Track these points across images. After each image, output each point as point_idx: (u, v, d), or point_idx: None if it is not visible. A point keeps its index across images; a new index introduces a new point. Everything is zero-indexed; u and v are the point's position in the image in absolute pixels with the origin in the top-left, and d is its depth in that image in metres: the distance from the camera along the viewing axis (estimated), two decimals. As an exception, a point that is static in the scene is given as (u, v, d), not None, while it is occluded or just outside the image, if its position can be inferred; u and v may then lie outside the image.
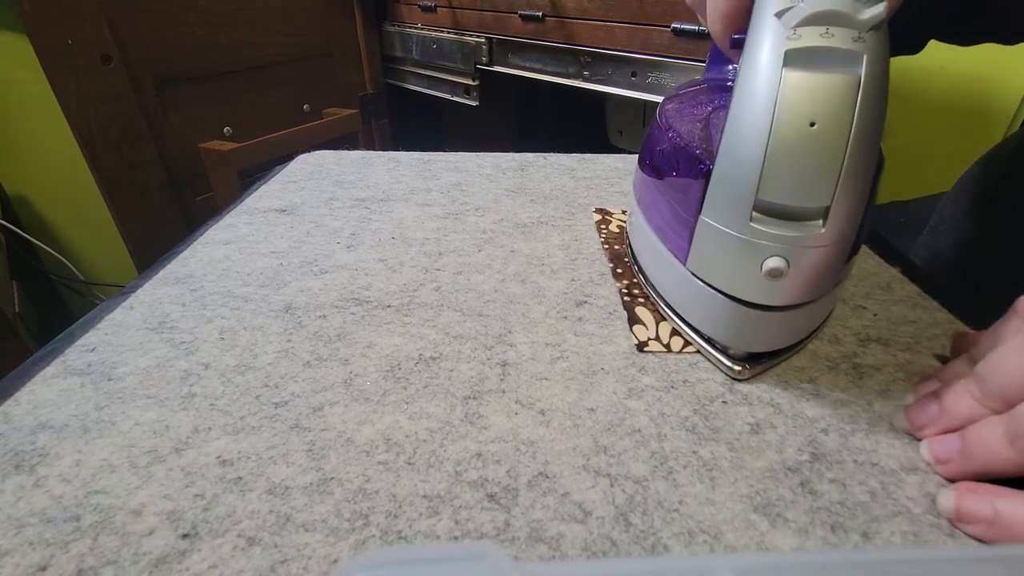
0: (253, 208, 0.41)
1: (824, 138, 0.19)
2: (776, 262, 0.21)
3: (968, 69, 0.89)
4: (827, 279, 0.22)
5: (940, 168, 0.91)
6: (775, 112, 0.19)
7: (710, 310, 0.24)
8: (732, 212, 0.21)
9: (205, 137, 0.93)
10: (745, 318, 0.23)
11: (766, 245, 0.21)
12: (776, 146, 0.19)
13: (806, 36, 0.19)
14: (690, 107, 0.29)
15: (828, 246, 0.21)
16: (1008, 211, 0.39)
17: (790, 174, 0.20)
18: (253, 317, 0.28)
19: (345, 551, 0.17)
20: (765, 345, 0.25)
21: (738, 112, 0.20)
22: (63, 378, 0.24)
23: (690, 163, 0.24)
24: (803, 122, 0.19)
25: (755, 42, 0.20)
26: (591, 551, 0.17)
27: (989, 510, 0.17)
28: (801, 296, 0.22)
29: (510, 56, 1.00)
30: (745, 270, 0.22)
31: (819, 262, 0.21)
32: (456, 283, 0.32)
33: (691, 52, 0.75)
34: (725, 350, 0.25)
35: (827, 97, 0.19)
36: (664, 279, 0.28)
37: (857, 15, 0.18)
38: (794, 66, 0.19)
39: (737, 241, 0.21)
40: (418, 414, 0.22)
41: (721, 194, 0.22)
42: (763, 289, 0.22)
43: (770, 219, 0.21)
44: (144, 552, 0.17)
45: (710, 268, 0.24)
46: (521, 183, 0.46)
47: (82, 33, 0.74)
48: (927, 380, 0.23)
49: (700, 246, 0.24)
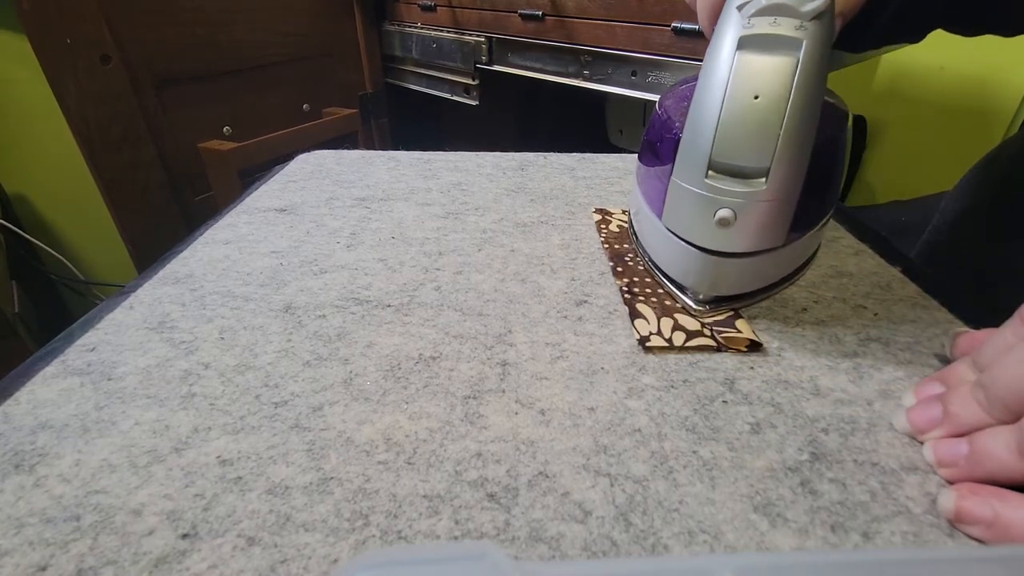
0: (253, 208, 0.41)
1: (765, 109, 0.23)
2: (725, 212, 0.25)
3: (968, 69, 0.89)
4: (772, 231, 0.26)
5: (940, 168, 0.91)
6: (727, 87, 0.23)
7: (679, 258, 0.29)
8: (693, 171, 0.25)
9: (205, 137, 0.93)
10: (704, 263, 0.27)
11: (718, 199, 0.25)
12: (727, 115, 0.23)
13: (758, 25, 0.23)
14: (683, 93, 0.32)
15: (770, 200, 0.25)
16: (1010, 211, 0.39)
17: (738, 138, 0.24)
18: (253, 317, 0.28)
19: (345, 551, 0.17)
20: (724, 289, 0.29)
21: (701, 88, 0.25)
22: (63, 378, 0.24)
23: (669, 136, 0.28)
24: (749, 96, 0.23)
25: (720, 30, 0.24)
26: (591, 551, 0.17)
27: (989, 512, 0.17)
28: (750, 244, 0.26)
29: (510, 55, 1.00)
30: (702, 220, 0.26)
31: (763, 214, 0.25)
32: (456, 283, 0.32)
33: (691, 51, 0.75)
34: (696, 296, 0.29)
35: (769, 75, 0.23)
36: (649, 238, 0.32)
37: (800, 7, 0.22)
38: (746, 49, 0.23)
39: (696, 196, 0.25)
40: (418, 414, 0.22)
41: (686, 157, 0.26)
42: (717, 237, 0.26)
43: (722, 176, 0.25)
44: (144, 552, 0.17)
45: (678, 221, 0.28)
46: (521, 182, 0.46)
47: (81, 33, 0.74)
48: (928, 381, 0.23)
49: (671, 203, 0.28)
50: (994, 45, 0.35)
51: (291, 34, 1.03)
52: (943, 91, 0.92)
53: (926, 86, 0.93)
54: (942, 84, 0.91)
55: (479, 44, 1.01)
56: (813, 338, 0.27)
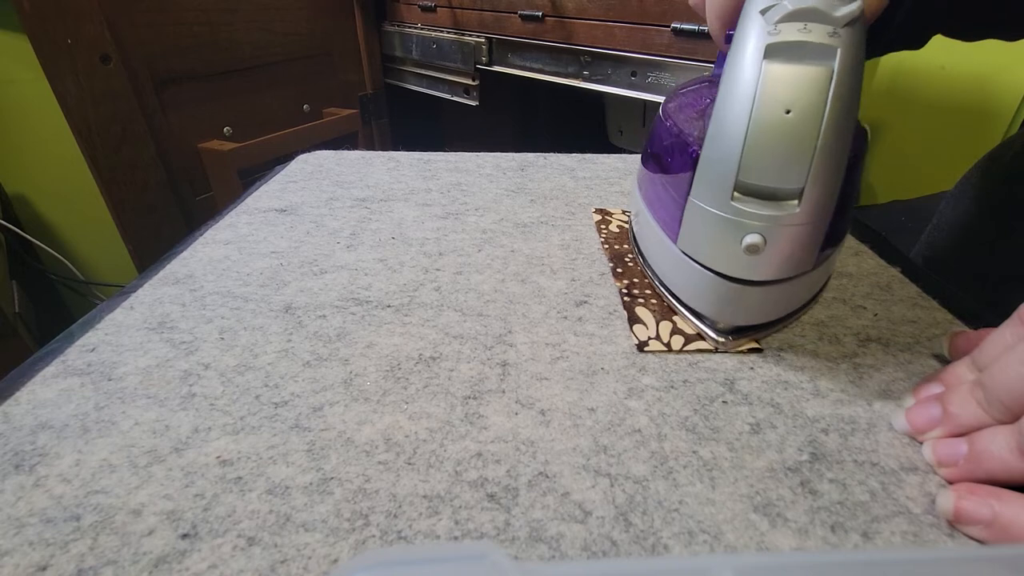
0: (253, 208, 0.41)
1: (798, 124, 0.20)
2: (754, 238, 0.22)
3: (968, 69, 0.89)
4: (803, 257, 0.24)
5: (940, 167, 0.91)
6: (755, 101, 0.21)
7: (697, 285, 0.26)
8: (716, 193, 0.23)
9: (205, 137, 0.93)
10: (727, 292, 0.25)
11: (746, 223, 0.22)
12: (755, 132, 0.21)
13: (786, 31, 0.20)
14: (690, 101, 0.30)
15: (803, 224, 0.22)
16: (1011, 211, 0.39)
17: (767, 157, 0.21)
18: (253, 317, 0.28)
19: (345, 551, 0.17)
20: (747, 318, 0.26)
21: (723, 101, 0.22)
22: (63, 378, 0.24)
23: (683, 150, 0.26)
24: (780, 110, 0.20)
25: (741, 37, 0.21)
26: (591, 551, 0.17)
27: (988, 512, 0.17)
28: (779, 272, 0.24)
29: (510, 56, 1.00)
30: (727, 246, 0.23)
31: (795, 239, 0.23)
32: (456, 283, 0.32)
33: (691, 52, 0.75)
34: (714, 325, 0.27)
35: (802, 87, 0.20)
36: (659, 259, 0.30)
37: (833, 12, 0.20)
38: (774, 59, 0.20)
39: (720, 219, 0.23)
40: (418, 414, 0.22)
41: (707, 176, 0.23)
42: (743, 264, 0.24)
43: (750, 199, 0.22)
44: (144, 552, 0.17)
45: (697, 246, 0.25)
46: (521, 183, 0.46)
47: (82, 33, 0.74)
48: (928, 382, 0.23)
49: (689, 225, 0.25)
50: (994, 45, 0.35)
51: (291, 34, 1.03)
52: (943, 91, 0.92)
53: (926, 86, 0.93)
54: (942, 84, 0.91)
55: (479, 44, 1.01)
56: (813, 338, 0.27)
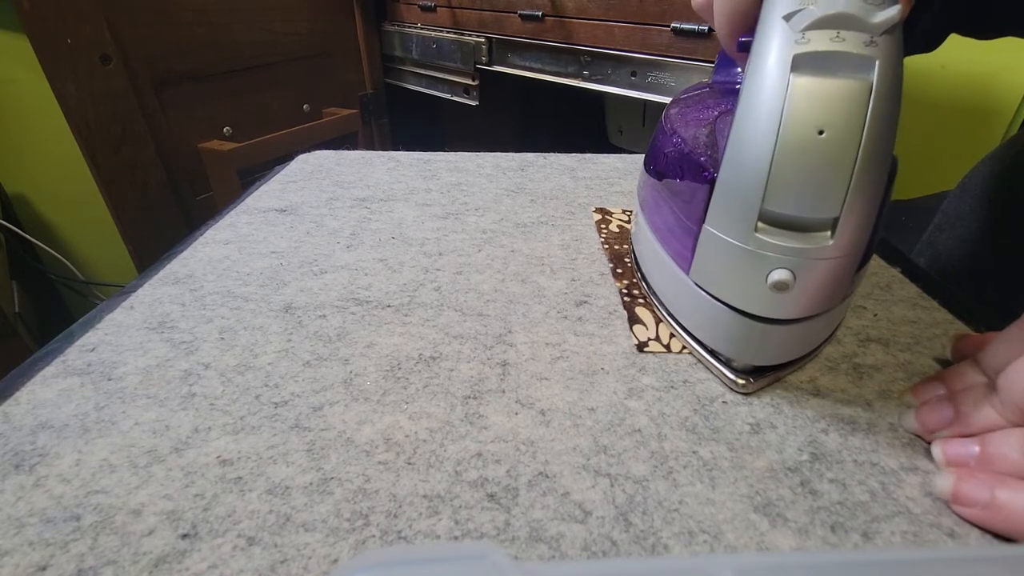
0: (253, 208, 0.41)
1: (833, 147, 0.18)
2: (782, 274, 0.20)
3: (968, 68, 0.89)
4: (835, 292, 0.22)
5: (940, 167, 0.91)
6: (782, 119, 0.18)
7: (713, 321, 0.24)
8: (736, 222, 0.21)
9: (205, 137, 0.93)
10: (749, 331, 0.22)
11: (771, 257, 0.20)
12: (783, 154, 0.18)
13: (815, 40, 0.18)
14: (696, 111, 0.28)
15: (837, 258, 0.20)
16: (1015, 211, 0.39)
17: (797, 184, 0.19)
18: (253, 317, 0.28)
19: (345, 551, 0.17)
20: (770, 358, 0.24)
21: (744, 118, 0.19)
22: (63, 378, 0.24)
23: (694, 170, 0.23)
24: (811, 130, 0.18)
25: (762, 46, 0.19)
26: (591, 551, 0.17)
27: (986, 495, 0.18)
28: (808, 309, 0.22)
29: (510, 56, 1.00)
30: (749, 282, 0.21)
31: (827, 274, 0.20)
32: (456, 283, 0.32)
33: (691, 52, 0.75)
34: (729, 362, 0.24)
35: (837, 104, 0.18)
36: (666, 287, 0.28)
37: (869, 18, 0.18)
38: (802, 71, 0.18)
39: (741, 252, 0.21)
40: (418, 414, 0.22)
41: (725, 203, 0.21)
42: (768, 302, 0.21)
43: (776, 230, 0.20)
44: (144, 552, 0.17)
45: (713, 279, 0.23)
46: (521, 183, 0.46)
47: (81, 33, 0.74)
48: (930, 382, 0.23)
49: (703, 256, 0.23)
50: (995, 45, 0.35)
51: (291, 34, 1.03)
52: (943, 91, 0.92)
53: (926, 86, 0.93)
54: (942, 84, 0.91)
55: (479, 44, 1.01)
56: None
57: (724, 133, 0.21)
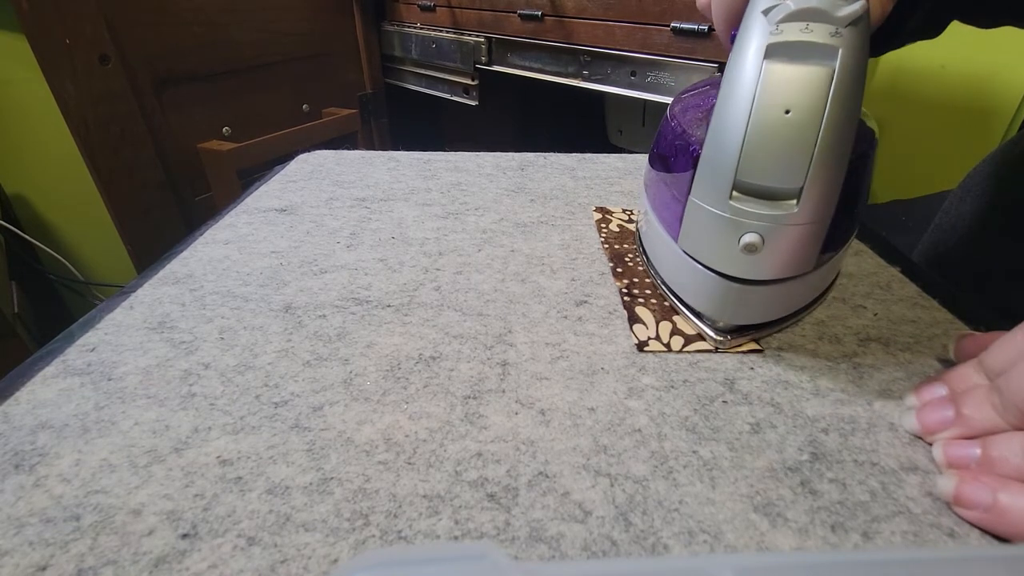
0: (253, 208, 0.41)
1: (797, 124, 0.20)
2: (751, 238, 0.23)
3: (968, 68, 0.89)
4: (803, 257, 0.24)
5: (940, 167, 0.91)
6: (755, 100, 0.21)
7: (697, 284, 0.26)
8: (716, 192, 0.23)
9: (204, 137, 0.93)
10: (726, 291, 0.25)
11: (744, 223, 0.23)
12: (754, 131, 0.21)
13: (787, 31, 0.20)
14: (696, 102, 0.30)
15: (802, 224, 0.22)
16: (1017, 210, 0.39)
17: (766, 157, 0.21)
18: (253, 317, 0.28)
19: (345, 551, 0.17)
20: (747, 318, 0.26)
21: (724, 101, 0.22)
22: (63, 378, 0.24)
23: (685, 150, 0.26)
24: (779, 110, 0.20)
25: (744, 37, 0.21)
26: (591, 551, 0.17)
27: (988, 497, 0.18)
28: (778, 271, 0.24)
29: (509, 56, 1.00)
30: (725, 246, 0.24)
31: (793, 240, 0.23)
32: (456, 283, 0.32)
33: (690, 51, 0.75)
34: (714, 324, 0.27)
35: (802, 87, 0.20)
36: (662, 258, 0.30)
37: (835, 12, 0.20)
38: (774, 58, 0.20)
39: (719, 218, 0.23)
40: (418, 414, 0.22)
41: (707, 176, 0.23)
42: (742, 263, 0.24)
43: (748, 198, 0.22)
44: (144, 552, 0.17)
45: (697, 245, 0.26)
46: (521, 183, 0.46)
47: (80, 33, 0.74)
48: (931, 383, 0.23)
49: (689, 225, 0.25)
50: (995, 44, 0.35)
51: (291, 34, 1.03)
52: (943, 91, 0.92)
53: (926, 86, 0.93)
54: (942, 84, 0.91)
55: (478, 44, 1.01)
56: (813, 338, 0.27)
57: None
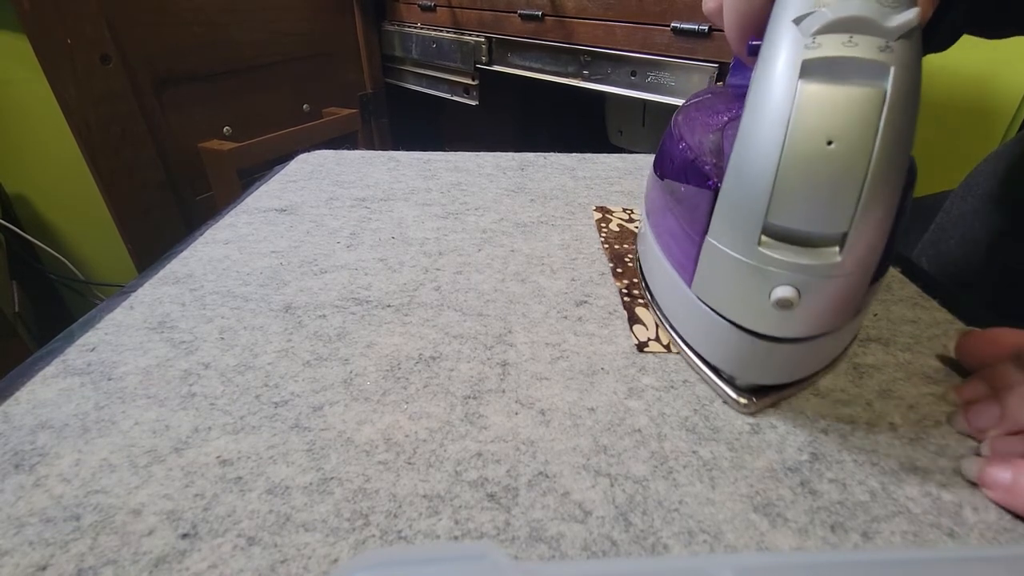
0: (253, 208, 0.41)
1: (843, 158, 0.17)
2: (786, 291, 0.19)
3: (968, 68, 0.89)
4: (845, 310, 0.20)
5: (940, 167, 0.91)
6: (789, 128, 0.17)
7: (715, 337, 0.23)
8: (740, 235, 0.20)
9: (204, 137, 0.93)
10: (752, 349, 0.22)
11: (775, 272, 0.19)
12: (789, 165, 0.18)
13: (826, 45, 0.17)
14: (706, 116, 0.27)
15: (845, 275, 0.19)
16: (1018, 212, 0.39)
17: (804, 197, 0.18)
18: (253, 317, 0.28)
19: (345, 551, 0.17)
20: (774, 377, 0.23)
21: (749, 127, 0.19)
22: (63, 378, 0.24)
23: (698, 178, 0.22)
24: (820, 140, 0.17)
25: (770, 50, 0.18)
26: (591, 551, 0.17)
27: (1009, 477, 0.18)
28: (814, 328, 0.21)
29: (510, 55, 1.00)
30: (752, 298, 0.20)
31: (835, 292, 0.19)
32: (456, 283, 0.32)
33: (691, 51, 0.75)
34: (731, 380, 0.23)
35: (847, 113, 0.17)
36: (668, 298, 0.27)
37: (885, 22, 0.16)
38: (812, 77, 0.17)
39: (744, 267, 0.20)
40: (418, 414, 0.22)
41: (729, 215, 0.20)
42: (772, 320, 0.20)
43: (781, 244, 0.19)
44: (144, 552, 0.17)
45: (715, 293, 0.22)
46: (521, 182, 0.46)
47: (81, 33, 0.74)
48: (973, 382, 0.23)
49: (706, 269, 0.22)
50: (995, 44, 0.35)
51: (291, 34, 1.03)
52: (943, 91, 0.92)
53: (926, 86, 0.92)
54: (942, 84, 0.91)
55: (479, 44, 1.01)
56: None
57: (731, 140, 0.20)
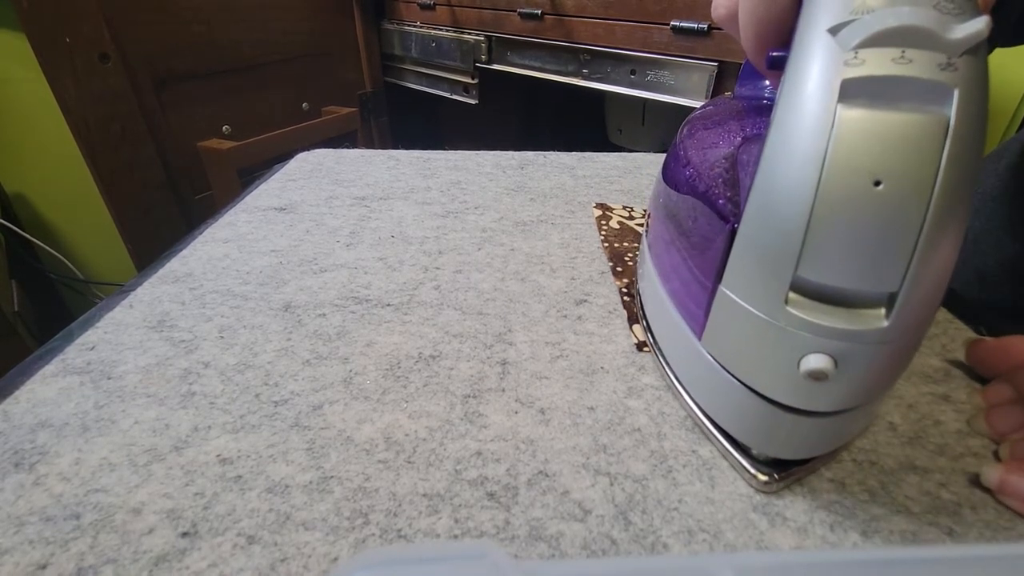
0: (252, 206, 0.41)
1: (894, 203, 0.14)
2: (819, 361, 0.15)
3: (968, 67, 0.89)
4: (886, 380, 0.17)
5: (940, 167, 0.91)
6: (825, 163, 0.14)
7: (729, 401, 0.19)
8: (762, 289, 0.16)
9: (204, 136, 0.93)
10: (774, 421, 0.18)
11: (806, 338, 0.15)
12: (825, 210, 0.14)
13: (872, 61, 0.13)
14: (715, 135, 0.23)
15: (892, 343, 0.15)
16: (1017, 210, 0.39)
17: (844, 248, 0.14)
18: (253, 316, 0.28)
19: (345, 549, 0.17)
20: (799, 452, 0.19)
21: (774, 158, 0.15)
22: (63, 377, 0.24)
23: (710, 215, 0.19)
24: (864, 179, 0.14)
25: (800, 65, 0.14)
26: (591, 550, 0.17)
27: None
28: (852, 401, 0.17)
29: (509, 54, 1.00)
30: (776, 365, 0.17)
31: (879, 362, 0.16)
32: (456, 282, 0.32)
33: (690, 50, 0.75)
34: (747, 449, 0.20)
35: (900, 147, 0.13)
36: (674, 348, 0.23)
37: (946, 33, 0.13)
38: (853, 101, 0.14)
39: (767, 327, 0.16)
40: (418, 413, 0.22)
41: (748, 263, 0.16)
42: (801, 391, 0.17)
43: (813, 303, 0.15)
44: (144, 550, 0.17)
45: (731, 352, 0.18)
46: (521, 181, 0.46)
47: (80, 32, 0.74)
48: (998, 385, 0.24)
49: (719, 323, 0.19)
50: (994, 44, 0.35)
51: (290, 33, 1.03)
52: (943, 90, 0.92)
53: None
54: (942, 83, 0.91)
55: (478, 43, 1.01)
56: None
57: (749, 169, 0.17)
